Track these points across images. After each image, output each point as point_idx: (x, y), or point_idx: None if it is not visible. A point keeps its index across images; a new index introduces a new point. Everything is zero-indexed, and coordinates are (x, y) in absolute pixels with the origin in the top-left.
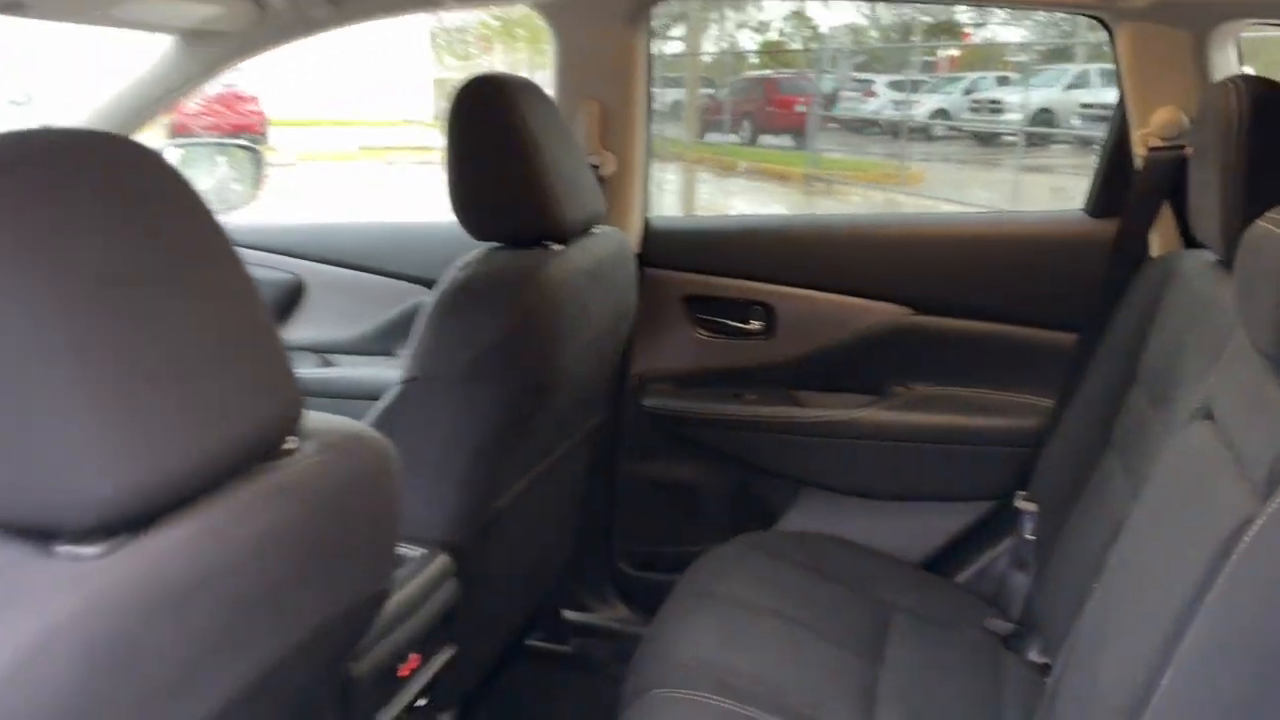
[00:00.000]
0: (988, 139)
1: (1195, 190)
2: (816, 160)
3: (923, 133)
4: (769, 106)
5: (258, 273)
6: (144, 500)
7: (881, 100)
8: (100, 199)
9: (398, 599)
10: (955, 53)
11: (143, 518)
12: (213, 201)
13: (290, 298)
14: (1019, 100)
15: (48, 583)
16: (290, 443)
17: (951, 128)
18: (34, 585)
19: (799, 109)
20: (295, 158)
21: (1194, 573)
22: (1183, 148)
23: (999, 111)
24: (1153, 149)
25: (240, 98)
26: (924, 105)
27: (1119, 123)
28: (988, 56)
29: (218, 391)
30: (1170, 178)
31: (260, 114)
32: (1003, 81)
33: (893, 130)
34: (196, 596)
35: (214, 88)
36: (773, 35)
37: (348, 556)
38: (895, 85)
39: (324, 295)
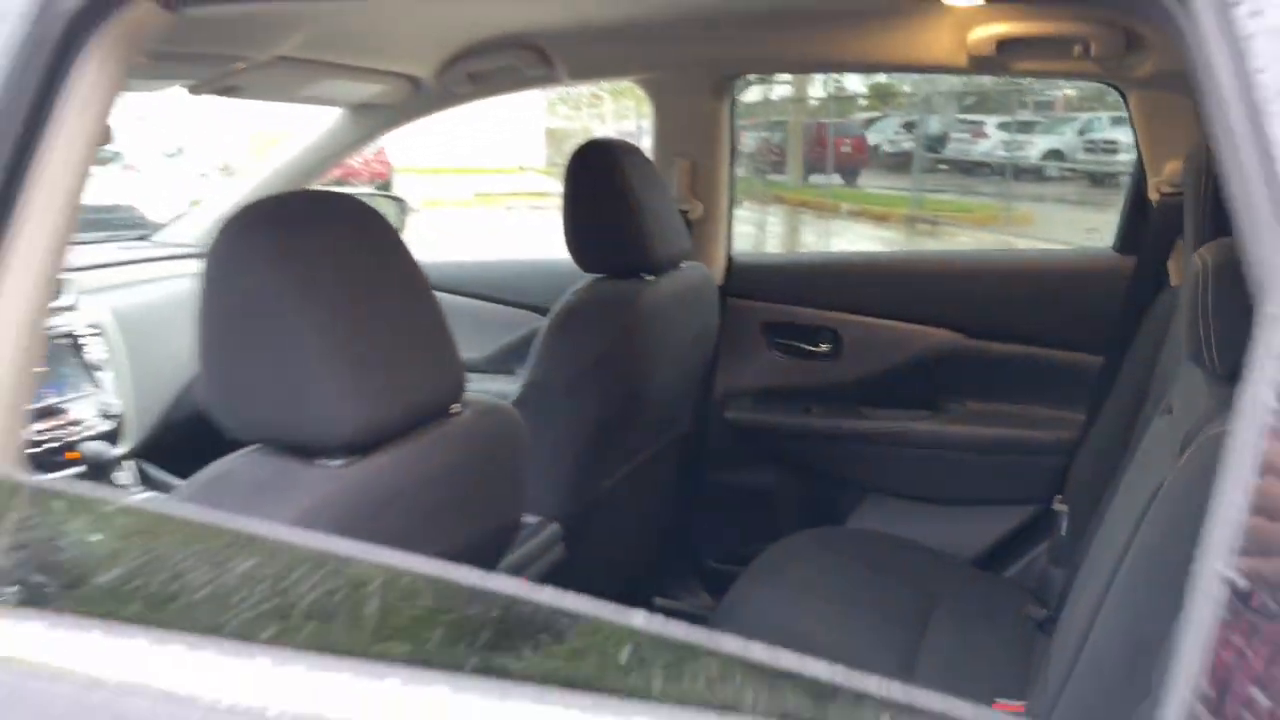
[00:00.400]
0: (1101, 179)
1: (1186, 231)
2: (920, 202)
3: (1034, 174)
4: (818, 147)
5: None
6: (368, 436)
7: (992, 141)
8: (340, 236)
9: (520, 552)
10: (1070, 92)
11: (366, 447)
12: None
13: None
14: (1132, 140)
15: (310, 480)
16: (455, 408)
17: (1065, 168)
18: (303, 481)
19: (844, 149)
20: (420, 204)
21: (1129, 530)
22: None
23: (1114, 152)
24: (1164, 194)
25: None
26: (1037, 146)
27: (1138, 172)
28: (1101, 97)
29: (413, 369)
30: (1179, 220)
31: (387, 162)
32: (1118, 122)
33: (1000, 171)
34: (396, 502)
35: None
36: (880, 78)
37: (492, 489)
38: (1004, 126)
39: (456, 322)
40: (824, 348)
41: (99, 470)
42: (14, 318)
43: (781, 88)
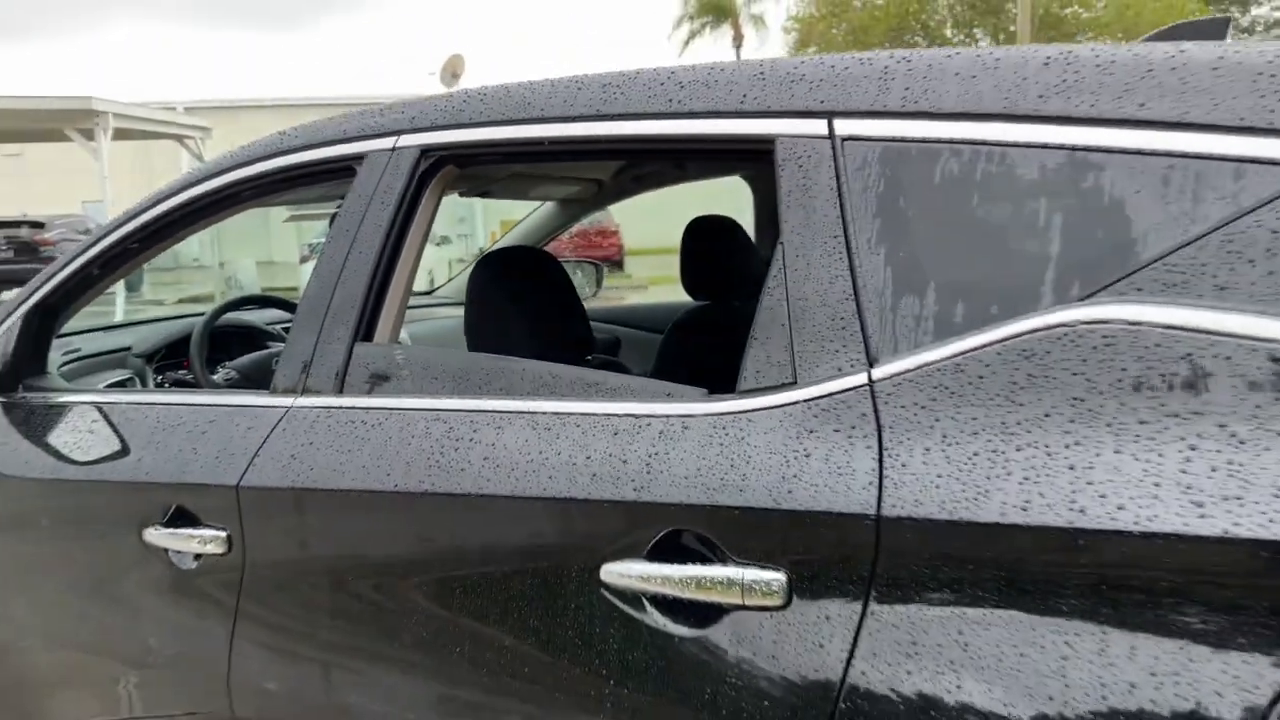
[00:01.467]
0: None
1: None
2: None
3: None
4: None
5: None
6: None
7: None
8: (532, 267)
9: None
10: None
11: None
12: None
13: (612, 348)
14: None
15: None
16: (589, 358)
17: None
18: None
19: None
20: (647, 281)
21: None
22: None
23: None
24: None
25: (603, 232)
26: None
27: None
28: None
29: (567, 331)
30: None
31: (619, 244)
32: None
33: None
34: None
35: (582, 225)
36: None
37: None
38: None
39: (629, 347)
40: None
41: None
42: (389, 328)
43: None
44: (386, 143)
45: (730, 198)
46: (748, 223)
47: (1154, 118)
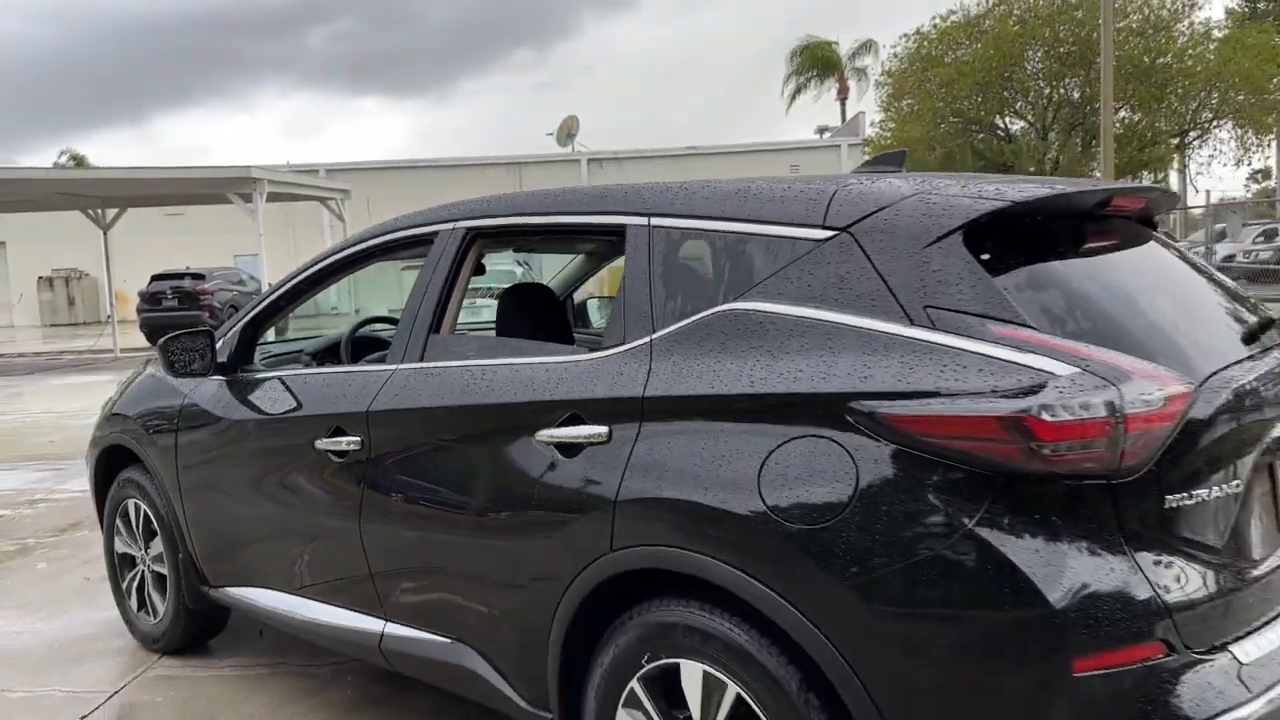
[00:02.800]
0: None
1: None
2: None
3: None
4: None
5: None
6: None
7: None
8: (532, 297)
9: None
10: None
11: None
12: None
13: None
14: None
15: None
16: None
17: None
18: None
19: None
20: None
21: None
22: None
23: None
24: None
25: None
26: None
27: None
28: None
29: (550, 334)
30: None
31: None
32: None
33: None
34: None
35: None
36: None
37: None
38: None
39: None
40: None
41: None
42: (449, 326)
43: None
44: (449, 225)
45: None
46: None
47: (758, 218)
